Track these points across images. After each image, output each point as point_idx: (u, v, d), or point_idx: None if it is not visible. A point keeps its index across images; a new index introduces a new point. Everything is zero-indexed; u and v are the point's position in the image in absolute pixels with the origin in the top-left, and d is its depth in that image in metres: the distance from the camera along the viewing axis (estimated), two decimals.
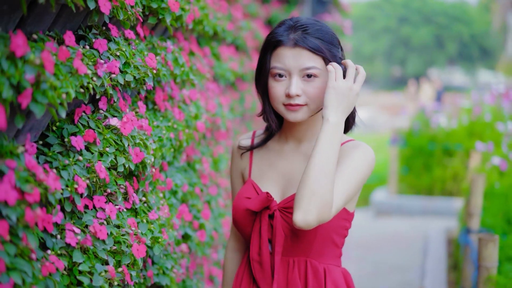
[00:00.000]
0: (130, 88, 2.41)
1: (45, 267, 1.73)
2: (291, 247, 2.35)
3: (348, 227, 2.41)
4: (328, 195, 2.11)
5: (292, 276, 2.35)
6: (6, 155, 1.63)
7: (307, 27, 2.28)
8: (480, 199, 5.05)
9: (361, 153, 2.28)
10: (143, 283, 2.54)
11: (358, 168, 2.25)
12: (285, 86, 2.28)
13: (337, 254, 2.41)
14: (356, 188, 2.25)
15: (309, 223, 2.11)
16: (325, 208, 2.11)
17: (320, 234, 2.30)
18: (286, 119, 2.33)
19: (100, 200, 2.13)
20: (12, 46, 1.54)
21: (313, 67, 2.25)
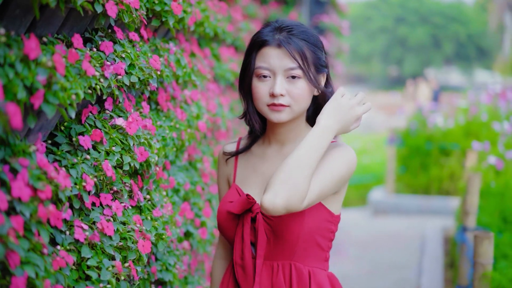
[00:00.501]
0: (135, 89, 2.48)
1: (55, 262, 1.80)
2: (275, 250, 2.34)
3: (334, 230, 2.39)
4: (302, 185, 2.12)
5: (276, 280, 2.34)
6: (19, 154, 1.70)
7: (292, 29, 2.30)
8: (476, 197, 5.12)
9: (340, 153, 2.28)
10: (147, 279, 2.61)
11: (335, 167, 2.25)
12: (269, 86, 2.29)
13: (322, 257, 2.39)
14: (332, 186, 2.25)
15: (276, 206, 2.11)
16: (296, 196, 2.11)
17: (303, 236, 2.29)
18: (270, 119, 2.34)
19: (106, 198, 2.20)
20: (26, 49, 1.60)
21: (298, 68, 2.26)
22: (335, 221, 2.39)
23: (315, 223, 2.31)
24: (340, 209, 2.41)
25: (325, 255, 2.40)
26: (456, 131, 10.17)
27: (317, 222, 2.31)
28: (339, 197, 2.37)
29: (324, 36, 8.02)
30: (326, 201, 2.34)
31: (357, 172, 13.70)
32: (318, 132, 2.18)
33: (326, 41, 7.95)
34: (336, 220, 2.40)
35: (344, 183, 2.33)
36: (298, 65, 2.26)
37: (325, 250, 2.39)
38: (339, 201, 2.39)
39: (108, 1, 2.11)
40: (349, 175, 2.32)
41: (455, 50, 42.79)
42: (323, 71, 2.35)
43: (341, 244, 8.54)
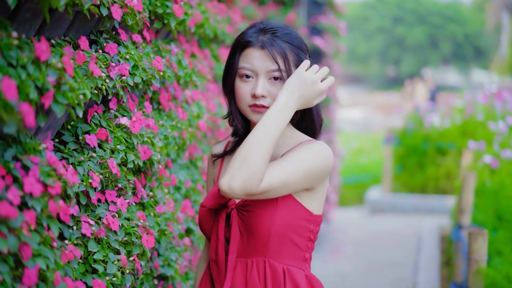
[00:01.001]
0: (138, 89, 2.56)
1: (64, 255, 1.88)
2: (249, 247, 2.33)
3: (314, 230, 2.38)
4: (257, 166, 2.11)
5: (251, 277, 2.33)
6: (29, 152, 1.78)
7: (276, 31, 2.32)
8: (471, 196, 5.20)
9: (313, 148, 2.28)
10: (150, 274, 2.69)
11: (305, 159, 2.25)
12: (251, 86, 2.30)
13: (300, 256, 2.37)
14: (300, 179, 2.23)
15: (233, 188, 2.11)
16: (252, 178, 2.10)
17: (275, 232, 2.28)
18: (251, 120, 2.34)
19: (111, 194, 2.28)
20: (37, 51, 1.68)
21: (281, 70, 2.28)
22: (315, 221, 2.37)
23: (288, 220, 2.30)
24: (320, 209, 2.39)
25: (303, 255, 2.38)
26: (452, 131, 10.25)
27: (290, 218, 2.30)
28: (316, 195, 2.35)
29: (321, 37, 8.09)
30: (301, 198, 2.32)
31: (355, 171, 13.80)
32: (275, 111, 2.18)
33: (324, 41, 8.02)
34: (316, 220, 2.38)
35: (318, 180, 2.31)
36: (280, 68, 2.27)
37: (302, 249, 2.37)
38: (318, 199, 2.37)
39: (113, 4, 2.19)
40: (322, 171, 2.30)
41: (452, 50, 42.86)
42: None
43: (339, 243, 8.62)
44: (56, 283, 1.74)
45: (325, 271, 7.25)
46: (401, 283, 6.80)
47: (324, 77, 2.27)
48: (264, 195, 2.18)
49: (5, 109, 1.46)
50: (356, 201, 12.30)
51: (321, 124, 2.50)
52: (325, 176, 2.34)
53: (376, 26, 43.28)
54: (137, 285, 2.47)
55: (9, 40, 1.63)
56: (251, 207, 2.29)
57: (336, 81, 9.39)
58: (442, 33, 42.33)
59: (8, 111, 1.47)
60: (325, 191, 2.40)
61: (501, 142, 7.29)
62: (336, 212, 10.25)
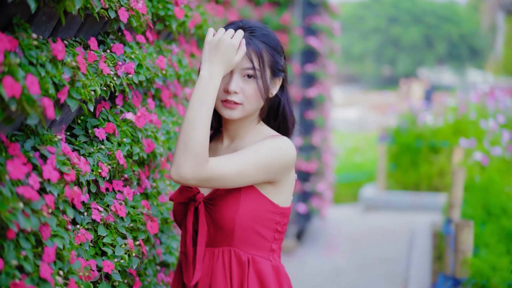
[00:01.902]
0: (142, 87, 2.73)
1: (77, 237, 2.05)
2: (215, 237, 2.41)
3: (281, 222, 2.44)
4: (200, 148, 2.17)
5: (216, 266, 2.41)
6: (46, 142, 1.96)
7: (254, 30, 2.40)
8: (461, 191, 5.37)
9: (272, 142, 2.35)
10: (153, 260, 2.86)
11: (263, 152, 2.31)
12: (225, 82, 2.36)
13: (266, 247, 2.44)
14: (255, 170, 2.28)
15: (184, 176, 2.19)
16: (199, 161, 2.17)
17: (239, 223, 2.35)
18: (222, 115, 2.40)
19: (118, 184, 2.45)
20: (54, 51, 1.86)
21: (255, 68, 2.35)
22: (281, 213, 2.43)
23: (252, 212, 2.36)
24: (288, 202, 2.45)
25: (269, 245, 2.44)
26: (445, 129, 10.41)
27: (254, 210, 2.36)
28: (280, 189, 2.41)
29: (316, 37, 8.25)
30: (266, 191, 2.38)
31: (350, 170, 13.98)
32: (201, 86, 2.24)
33: (318, 41, 8.19)
34: (283, 212, 2.43)
35: (279, 174, 2.37)
36: (253, 66, 2.35)
37: (269, 240, 2.43)
38: (283, 193, 2.43)
39: (120, 8, 2.36)
40: (283, 165, 2.36)
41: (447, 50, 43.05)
42: (279, 75, 2.45)
43: (333, 239, 8.80)
44: (72, 261, 1.91)
45: (319, 266, 7.44)
46: (393, 278, 6.98)
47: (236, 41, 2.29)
48: (216, 181, 2.25)
49: (28, 103, 1.64)
50: (351, 199, 12.48)
51: (294, 123, 2.58)
52: (287, 170, 2.39)
53: (371, 26, 43.45)
54: (142, 269, 2.65)
55: (29, 41, 1.81)
56: (216, 201, 2.38)
57: (331, 80, 9.56)
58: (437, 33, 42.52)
59: (31, 104, 1.65)
60: (291, 184, 2.46)
61: (492, 140, 7.47)
62: (331, 209, 10.43)
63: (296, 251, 8.02)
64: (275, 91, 2.47)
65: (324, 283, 6.84)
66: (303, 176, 8.31)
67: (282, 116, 2.55)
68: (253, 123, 2.48)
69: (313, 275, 7.08)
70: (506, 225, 4.91)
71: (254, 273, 2.41)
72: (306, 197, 8.43)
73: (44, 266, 1.73)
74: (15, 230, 1.60)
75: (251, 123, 2.48)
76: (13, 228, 1.58)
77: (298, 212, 8.11)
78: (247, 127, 2.48)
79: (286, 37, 7.45)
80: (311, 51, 8.23)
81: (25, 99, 1.62)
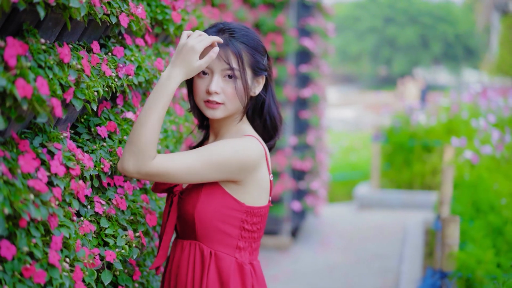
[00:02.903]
0: (141, 88, 2.88)
1: (82, 228, 2.20)
2: (184, 230, 2.53)
3: (247, 220, 2.50)
4: (143, 144, 2.26)
5: (182, 257, 2.53)
6: (53, 140, 2.11)
7: (234, 31, 2.47)
8: (450, 188, 5.52)
9: (236, 142, 2.43)
10: (151, 252, 3.01)
11: (217, 151, 2.38)
12: (207, 83, 2.44)
13: (231, 244, 2.49)
14: (206, 167, 2.35)
15: (126, 169, 2.30)
16: (142, 157, 2.26)
17: (198, 218, 2.44)
18: (205, 115, 2.49)
19: (119, 179, 2.60)
20: (61, 55, 2.01)
21: (234, 68, 2.42)
22: (247, 212, 2.48)
23: (213, 208, 2.44)
24: (257, 202, 2.50)
25: (235, 243, 2.50)
26: (438, 129, 10.55)
27: (216, 207, 2.44)
28: (246, 188, 2.47)
29: (310, 38, 8.40)
30: (230, 189, 2.45)
31: (345, 169, 14.13)
32: (156, 86, 2.33)
33: (312, 42, 8.33)
34: (249, 211, 2.48)
35: (240, 173, 2.42)
36: (232, 67, 2.41)
37: (234, 237, 2.49)
38: (249, 192, 2.48)
39: (121, 13, 2.51)
40: (242, 165, 2.41)
41: (443, 50, 43.27)
42: (261, 73, 2.52)
43: (327, 236, 8.96)
44: (77, 249, 2.07)
45: (313, 263, 7.59)
46: (386, 274, 7.14)
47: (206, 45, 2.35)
48: (162, 177, 2.33)
49: (38, 103, 1.79)
50: (345, 198, 12.62)
51: (281, 121, 2.65)
52: (249, 171, 2.44)
53: (367, 26, 43.67)
54: (141, 260, 2.80)
55: (38, 46, 1.96)
56: (184, 194, 2.50)
57: (325, 80, 9.72)
58: (433, 33, 42.76)
59: (41, 104, 1.80)
60: (260, 185, 2.50)
61: (482, 139, 7.63)
62: (326, 208, 10.59)
63: (291, 248, 8.17)
64: (258, 90, 2.54)
65: (318, 279, 7.00)
66: (297, 174, 8.47)
67: (268, 114, 2.61)
68: (235, 121, 2.55)
69: (307, 272, 7.24)
70: (493, 221, 5.06)
71: (215, 268, 2.48)
72: (300, 195, 8.59)
73: (52, 253, 1.88)
74: (27, 219, 1.75)
75: (233, 121, 2.55)
76: (25, 217, 1.73)
77: (292, 210, 8.27)
78: (229, 125, 2.56)
79: (281, 38, 7.61)
80: (305, 52, 8.38)
81: (35, 99, 1.77)
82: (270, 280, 6.73)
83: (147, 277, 2.82)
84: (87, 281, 2.08)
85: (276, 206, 7.91)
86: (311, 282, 6.88)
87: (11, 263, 1.75)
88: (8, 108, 1.73)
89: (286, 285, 6.72)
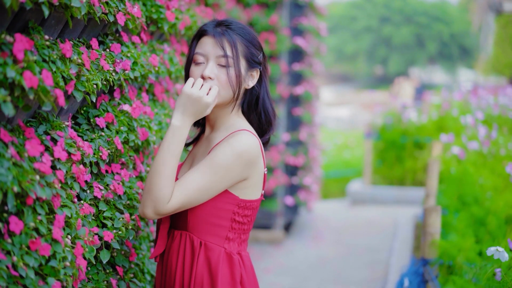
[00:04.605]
0: (137, 82, 3.08)
1: (82, 210, 2.40)
2: (177, 221, 2.63)
3: (239, 212, 2.58)
4: (160, 193, 2.38)
5: (172, 246, 2.63)
6: (56, 128, 2.30)
7: (231, 24, 2.59)
8: (436, 181, 5.71)
9: (228, 149, 2.49)
10: (147, 237, 3.20)
11: (220, 160, 2.47)
12: (202, 70, 2.54)
13: (221, 235, 2.58)
14: (214, 179, 2.45)
15: (146, 215, 2.43)
16: (158, 203, 2.39)
17: (192, 212, 2.54)
18: None
19: (116, 167, 2.79)
20: (63, 50, 2.21)
21: (228, 56, 2.52)
22: (239, 204, 2.57)
23: (207, 203, 2.53)
24: (250, 195, 2.59)
25: (225, 234, 2.58)
26: (429, 126, 10.74)
27: (209, 202, 2.53)
28: (246, 183, 2.56)
29: (303, 37, 8.59)
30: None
31: (339, 166, 14.33)
32: (169, 134, 2.45)
33: (305, 41, 8.52)
34: (239, 204, 2.57)
35: (246, 171, 2.52)
36: (227, 54, 2.52)
37: (224, 228, 2.57)
38: (247, 187, 2.57)
39: (118, 12, 2.70)
40: (247, 162, 2.51)
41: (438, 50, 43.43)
42: (255, 66, 2.61)
43: (320, 231, 9.15)
44: (78, 228, 2.26)
45: (306, 256, 7.79)
46: (376, 265, 7.34)
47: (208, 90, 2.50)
48: (183, 209, 2.48)
49: (43, 93, 1.98)
50: (339, 195, 12.82)
51: (275, 115, 2.73)
52: (253, 165, 2.55)
53: (363, 26, 43.83)
54: (137, 244, 3.00)
55: (42, 42, 2.15)
56: None
57: (318, 79, 9.91)
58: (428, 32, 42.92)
59: (45, 94, 1.99)
60: (258, 178, 2.60)
61: (470, 135, 7.83)
62: (319, 204, 10.79)
63: (284, 242, 8.37)
64: (252, 83, 2.63)
65: (309, 271, 7.19)
66: (290, 170, 8.66)
67: (262, 108, 2.68)
68: (228, 114, 2.64)
69: (299, 264, 7.44)
70: (475, 212, 5.26)
71: (204, 258, 2.57)
72: (293, 190, 8.79)
73: (56, 229, 2.07)
74: (33, 197, 1.94)
75: (227, 113, 2.63)
76: (32, 195, 1.92)
77: (286, 205, 8.47)
78: (223, 117, 2.64)
79: (274, 37, 7.81)
80: (298, 50, 8.58)
81: (40, 89, 1.96)
82: (263, 272, 6.93)
83: (142, 260, 3.02)
84: (87, 256, 2.28)
85: (270, 200, 8.11)
86: (302, 274, 7.08)
87: (19, 237, 1.94)
88: (16, 98, 1.92)
89: (278, 276, 6.91)
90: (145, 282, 2.99)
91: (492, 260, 3.77)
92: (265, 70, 2.69)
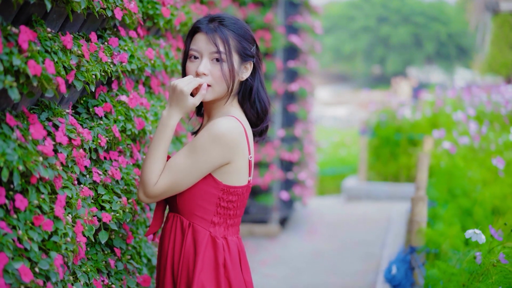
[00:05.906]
0: (134, 75, 3.24)
1: (82, 192, 2.55)
2: (171, 203, 2.79)
3: (224, 197, 2.69)
4: (146, 176, 2.62)
5: (166, 227, 2.80)
6: (57, 115, 2.47)
7: (224, 20, 2.68)
8: (425, 174, 5.86)
9: (206, 132, 2.61)
10: (143, 223, 3.36)
11: (196, 146, 2.60)
12: (196, 66, 2.67)
13: (208, 219, 2.71)
14: (193, 163, 2.61)
15: (140, 198, 2.67)
16: (146, 186, 2.62)
17: (182, 196, 2.69)
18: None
19: (114, 154, 2.95)
20: (64, 42, 2.37)
21: (221, 52, 2.62)
22: (223, 190, 2.69)
23: (195, 187, 2.67)
24: (232, 180, 2.70)
25: (210, 218, 2.71)
26: (423, 123, 10.87)
27: (197, 186, 2.67)
28: (229, 168, 2.67)
29: (298, 35, 8.74)
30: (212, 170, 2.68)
31: (335, 163, 14.48)
32: (159, 124, 2.66)
33: (300, 39, 8.68)
34: (226, 190, 2.69)
35: (227, 153, 2.63)
36: (218, 50, 2.63)
37: (209, 212, 2.71)
38: (230, 172, 2.68)
39: (115, 8, 2.86)
40: (221, 146, 2.61)
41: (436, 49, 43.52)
42: (248, 59, 2.72)
43: (315, 225, 9.31)
44: (78, 207, 2.42)
45: (301, 249, 7.95)
46: (369, 258, 7.49)
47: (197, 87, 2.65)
48: (170, 192, 2.66)
49: (46, 81, 2.14)
50: (335, 192, 12.98)
51: (270, 104, 2.84)
52: (233, 148, 2.64)
53: (361, 26, 43.91)
54: (135, 229, 3.16)
55: (45, 34, 2.32)
56: None
57: (313, 76, 10.06)
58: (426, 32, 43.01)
59: (48, 82, 2.15)
60: (241, 163, 2.70)
61: (461, 131, 7.99)
62: (315, 200, 10.96)
63: (280, 236, 8.53)
64: (246, 76, 2.74)
65: (304, 263, 7.35)
66: (286, 165, 8.82)
67: (257, 99, 2.77)
68: (223, 103, 2.74)
69: (294, 257, 7.59)
70: (463, 204, 5.42)
71: (191, 238, 2.71)
72: (289, 185, 8.95)
73: (57, 207, 2.23)
74: (37, 176, 2.10)
75: (221, 103, 2.74)
76: (36, 174, 2.08)
77: (281, 199, 8.63)
78: (218, 107, 2.75)
79: (269, 34, 7.96)
80: (293, 48, 8.73)
81: (43, 77, 2.12)
82: (259, 264, 7.10)
83: (139, 243, 3.18)
84: (86, 234, 2.44)
85: (265, 195, 8.27)
86: (297, 266, 7.23)
87: (23, 213, 2.10)
88: (21, 84, 2.08)
89: (273, 268, 7.06)
90: (142, 264, 3.15)
91: (475, 246, 3.93)
92: (258, 61, 2.79)
